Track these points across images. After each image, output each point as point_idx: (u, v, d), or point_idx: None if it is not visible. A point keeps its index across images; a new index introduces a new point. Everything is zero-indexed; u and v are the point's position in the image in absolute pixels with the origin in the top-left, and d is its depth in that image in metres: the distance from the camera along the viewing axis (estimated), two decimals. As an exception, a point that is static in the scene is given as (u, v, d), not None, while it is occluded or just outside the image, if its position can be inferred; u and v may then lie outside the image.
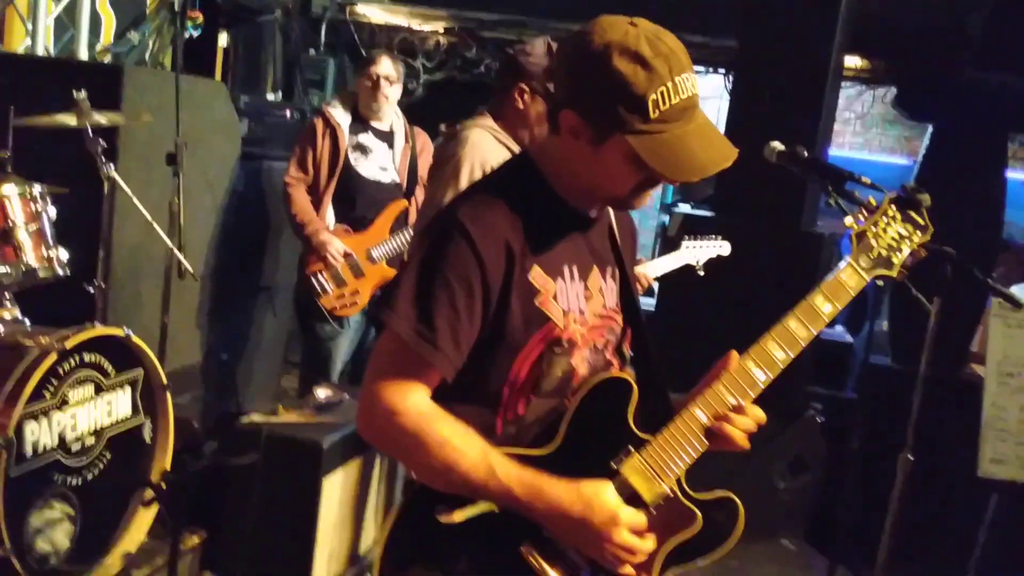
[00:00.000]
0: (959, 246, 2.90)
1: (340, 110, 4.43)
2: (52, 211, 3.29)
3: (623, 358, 1.83)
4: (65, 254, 3.30)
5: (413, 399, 1.60)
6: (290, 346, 5.48)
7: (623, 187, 1.66)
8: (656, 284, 3.96)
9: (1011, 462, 3.93)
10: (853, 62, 7.35)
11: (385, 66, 4.40)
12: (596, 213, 1.77)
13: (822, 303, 1.73)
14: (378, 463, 3.67)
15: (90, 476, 3.04)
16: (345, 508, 3.52)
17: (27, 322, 3.19)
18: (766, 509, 4.95)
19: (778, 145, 2.16)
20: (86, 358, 3.01)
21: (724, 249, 3.54)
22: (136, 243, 3.98)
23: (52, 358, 2.83)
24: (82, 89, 3.32)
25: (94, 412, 3.04)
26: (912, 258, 1.81)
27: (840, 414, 5.43)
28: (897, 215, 1.80)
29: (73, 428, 2.97)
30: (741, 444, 1.69)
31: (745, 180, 5.20)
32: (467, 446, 1.60)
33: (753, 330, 1.75)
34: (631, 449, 1.67)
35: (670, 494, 1.68)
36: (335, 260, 4.27)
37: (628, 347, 1.84)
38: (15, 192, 3.17)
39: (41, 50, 5.22)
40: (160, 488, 2.80)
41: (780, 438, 5.02)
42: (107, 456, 3.10)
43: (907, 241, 1.80)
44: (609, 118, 1.57)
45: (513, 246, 1.61)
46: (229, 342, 5.00)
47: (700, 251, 3.51)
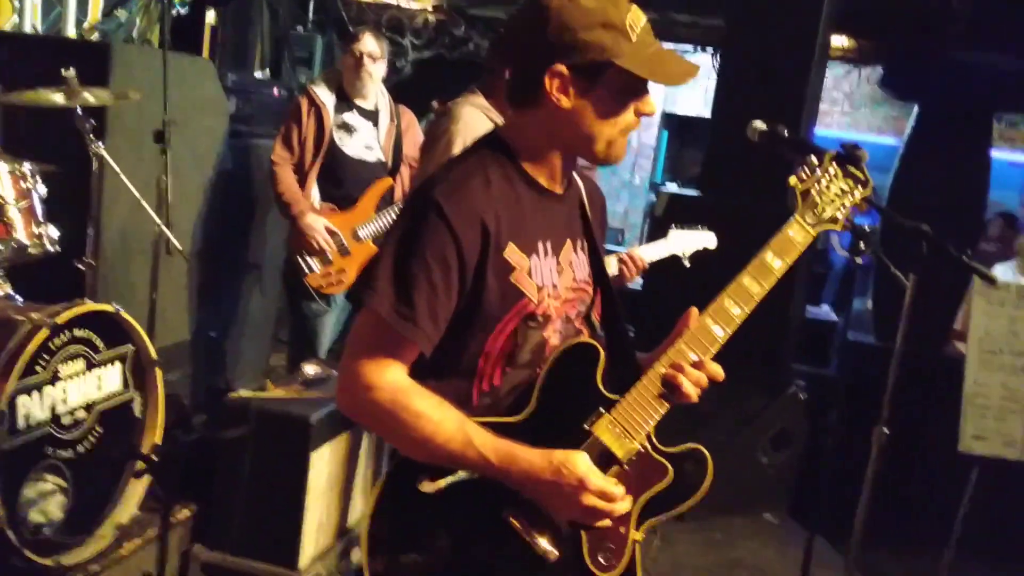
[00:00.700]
0: (944, 224, 2.94)
1: (325, 89, 4.43)
2: (42, 189, 3.30)
3: (592, 326, 1.89)
4: (55, 231, 3.33)
5: (391, 375, 1.66)
6: (279, 324, 5.51)
7: (612, 128, 1.72)
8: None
9: (992, 438, 3.99)
10: (840, 42, 7.38)
11: (368, 43, 4.40)
12: (564, 190, 1.82)
13: (772, 259, 1.80)
14: (366, 438, 3.71)
15: (82, 449, 3.07)
16: (333, 482, 3.56)
17: (18, 298, 3.22)
18: (749, 484, 5.02)
19: (760, 124, 2.20)
20: (77, 334, 3.04)
21: (710, 242, 3.59)
22: (125, 220, 3.99)
23: (44, 333, 2.86)
24: (70, 67, 3.34)
25: (85, 386, 3.07)
26: (855, 211, 1.89)
27: (824, 391, 5.49)
28: (838, 172, 1.88)
29: (64, 402, 3.00)
30: (691, 397, 1.74)
31: (731, 160, 5.27)
32: (444, 418, 1.65)
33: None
34: (601, 410, 1.73)
35: (641, 450, 1.75)
36: (321, 244, 4.29)
37: (596, 315, 1.90)
38: (5, 170, 3.19)
39: (28, 27, 5.21)
40: (151, 460, 2.83)
41: (764, 414, 5.08)
42: (98, 430, 3.13)
43: (849, 196, 1.88)
44: (599, 50, 1.65)
45: (488, 224, 1.66)
46: (218, 320, 5.02)
47: (687, 241, 3.56)
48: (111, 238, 3.95)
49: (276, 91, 5.88)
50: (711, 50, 8.02)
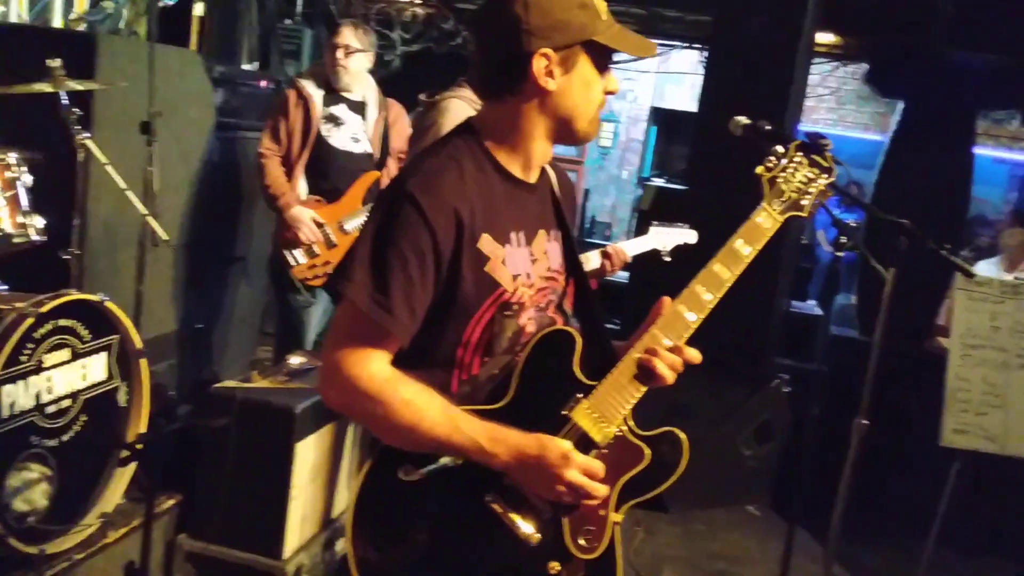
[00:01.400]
0: (928, 220, 2.98)
1: (312, 81, 4.44)
2: (27, 178, 3.30)
3: (564, 314, 1.92)
4: (41, 221, 3.33)
5: (374, 365, 1.67)
6: (266, 317, 5.51)
7: (592, 105, 1.77)
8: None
9: (973, 432, 4.03)
10: (826, 38, 7.41)
11: (345, 35, 4.41)
12: (536, 179, 1.85)
13: (741, 246, 1.85)
14: (351, 429, 3.72)
15: (66, 438, 3.08)
16: (318, 472, 3.58)
17: (3, 287, 3.22)
18: (732, 476, 5.05)
19: (743, 119, 2.24)
20: (62, 323, 3.04)
21: (690, 237, 3.63)
22: (111, 211, 3.99)
23: (28, 322, 2.86)
24: (56, 57, 3.34)
25: (70, 376, 3.08)
26: (820, 198, 1.93)
27: (808, 385, 5.53)
28: (803, 160, 1.93)
29: (49, 391, 3.00)
30: (666, 379, 1.77)
31: (717, 154, 5.28)
32: (429, 405, 1.67)
33: (723, 299, 1.85)
34: (579, 396, 1.77)
35: (619, 434, 1.78)
36: (307, 236, 4.29)
37: (568, 304, 1.93)
38: (-10, 159, 3.19)
39: (15, 17, 5.19)
40: (135, 448, 2.84)
41: (747, 407, 5.12)
42: (83, 419, 3.14)
43: (814, 184, 1.93)
44: (581, 29, 1.71)
45: (463, 215, 1.68)
46: (204, 311, 5.02)
47: (667, 237, 3.61)
48: (97, 229, 3.95)
49: (264, 84, 5.87)
50: (699, 46, 8.05)
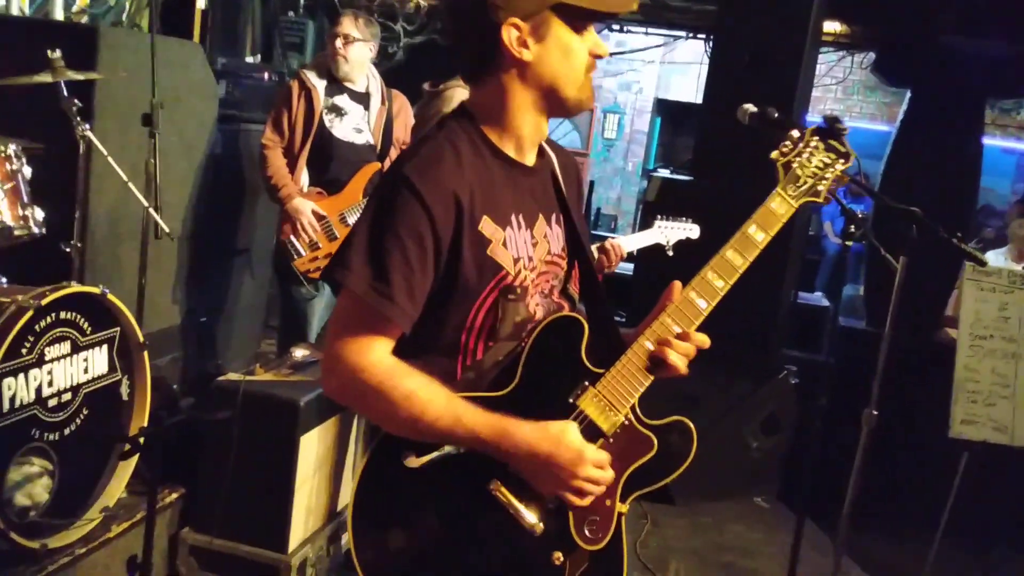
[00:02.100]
0: (936, 210, 2.94)
1: (315, 72, 4.43)
2: (28, 170, 3.28)
3: (571, 299, 1.89)
4: (41, 213, 3.31)
5: (375, 355, 1.64)
6: (270, 310, 5.49)
7: (577, 69, 1.71)
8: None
9: (982, 423, 4.00)
10: (833, 27, 7.36)
11: (345, 25, 4.40)
12: (534, 162, 1.82)
13: (755, 232, 1.81)
14: (356, 421, 3.70)
15: (67, 431, 3.06)
16: (322, 465, 3.56)
17: (3, 280, 3.20)
18: (739, 468, 5.03)
19: (750, 107, 2.21)
20: (63, 316, 3.02)
21: (693, 232, 3.62)
22: (113, 203, 3.97)
23: (29, 315, 2.84)
24: (57, 49, 3.31)
25: (71, 369, 3.06)
26: (836, 184, 1.88)
27: (815, 376, 5.50)
28: (820, 145, 1.88)
29: (50, 384, 2.98)
30: (680, 370, 1.74)
31: (722, 145, 5.26)
32: (432, 395, 1.63)
33: (731, 290, 1.81)
34: (586, 384, 1.74)
35: (626, 423, 1.75)
36: (307, 229, 4.28)
37: (574, 288, 1.90)
38: (-10, 150, 3.17)
39: (16, 10, 5.17)
40: (137, 441, 2.82)
41: (754, 398, 5.10)
42: (84, 412, 3.12)
43: (830, 169, 1.88)
44: None
45: (461, 198, 1.65)
46: (208, 304, 5.00)
47: (671, 232, 3.60)
48: (98, 221, 3.93)
49: (266, 76, 5.85)
50: (703, 35, 8.01)
